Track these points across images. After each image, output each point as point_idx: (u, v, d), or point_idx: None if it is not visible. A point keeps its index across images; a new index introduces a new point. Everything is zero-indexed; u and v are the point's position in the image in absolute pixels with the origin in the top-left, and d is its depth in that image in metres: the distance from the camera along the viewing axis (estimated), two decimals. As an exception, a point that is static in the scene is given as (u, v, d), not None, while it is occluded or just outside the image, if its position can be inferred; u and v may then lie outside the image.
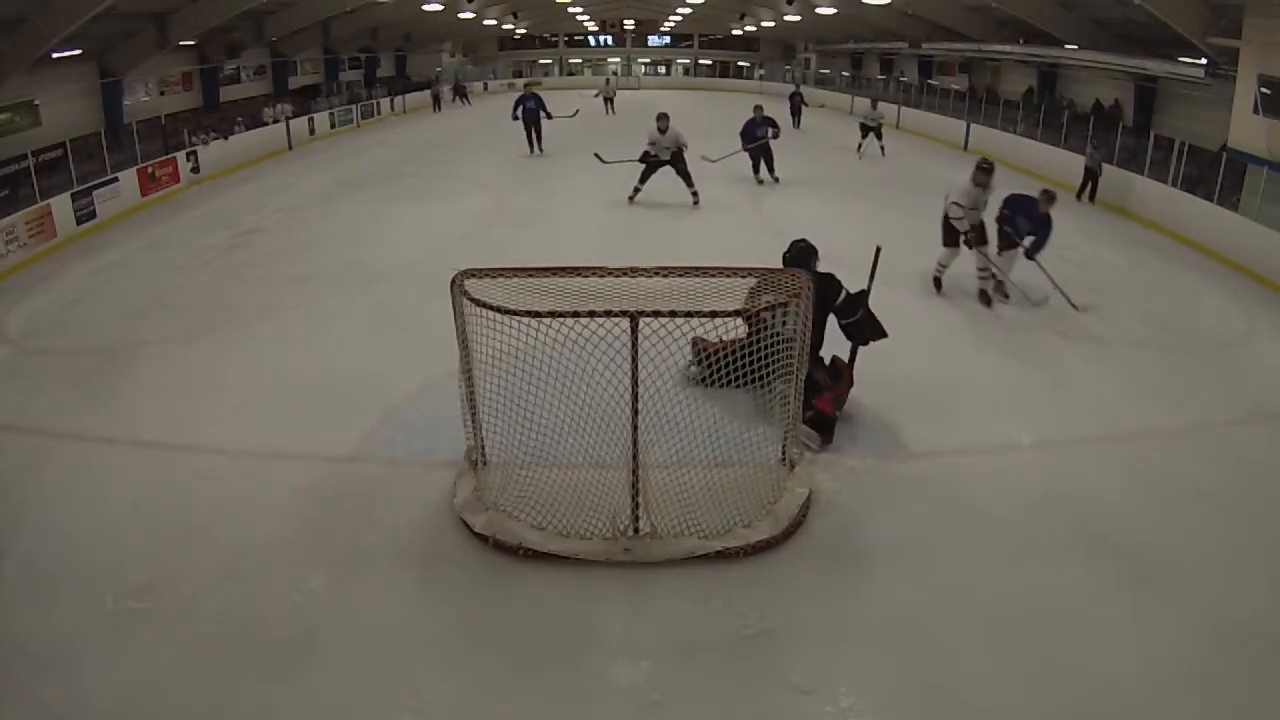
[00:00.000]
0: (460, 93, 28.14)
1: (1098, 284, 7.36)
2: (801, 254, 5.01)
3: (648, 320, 3.42)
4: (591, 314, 3.36)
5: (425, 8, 22.23)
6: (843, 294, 4.81)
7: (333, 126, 19.12)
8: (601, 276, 4.05)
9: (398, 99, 24.17)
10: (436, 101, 25.55)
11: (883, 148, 14.97)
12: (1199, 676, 3.00)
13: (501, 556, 3.60)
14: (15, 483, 4.25)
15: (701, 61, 38.59)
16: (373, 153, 16.07)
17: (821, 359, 4.89)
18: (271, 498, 4.06)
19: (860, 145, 14.95)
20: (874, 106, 15.15)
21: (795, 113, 19.45)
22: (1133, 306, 6.88)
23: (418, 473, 4.24)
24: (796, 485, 3.97)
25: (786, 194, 11.34)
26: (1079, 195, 11.69)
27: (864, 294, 4.78)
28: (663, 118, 9.74)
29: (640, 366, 3.42)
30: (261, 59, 21.87)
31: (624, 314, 3.42)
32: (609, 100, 23.27)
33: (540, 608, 3.33)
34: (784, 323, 3.89)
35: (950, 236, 7.00)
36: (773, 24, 29.90)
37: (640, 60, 39.34)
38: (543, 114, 14.40)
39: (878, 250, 4.64)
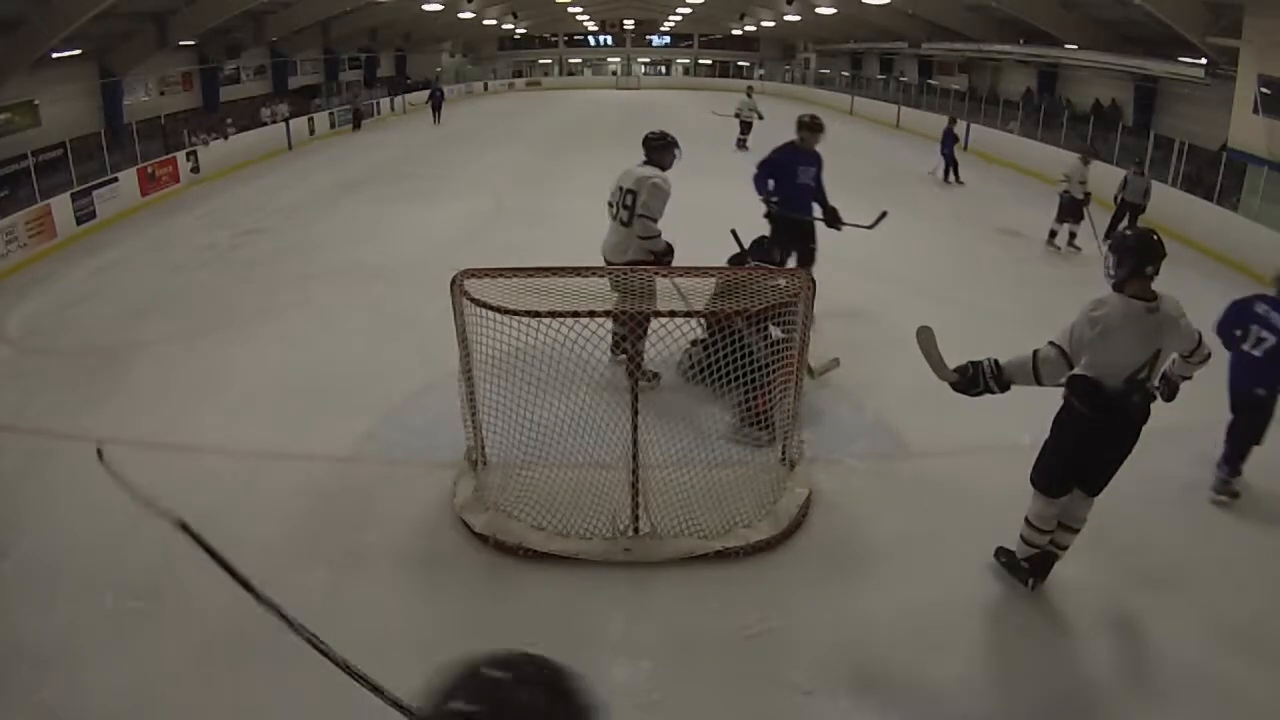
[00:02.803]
0: (434, 103, 21.75)
1: (1098, 283, 7.34)
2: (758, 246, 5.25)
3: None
4: (591, 314, 3.36)
5: (425, 8, 22.26)
6: None
7: (332, 126, 19.13)
8: (601, 276, 4.06)
9: (398, 99, 24.16)
10: (357, 119, 20.50)
11: (1072, 236, 8.84)
12: (1199, 676, 3.00)
13: (501, 556, 3.59)
14: (15, 483, 4.25)
15: (701, 61, 38.62)
16: (372, 153, 16.07)
17: None
18: (271, 497, 4.06)
19: (1052, 236, 9.02)
20: (1085, 162, 8.80)
21: (951, 166, 12.90)
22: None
23: (418, 473, 4.24)
24: (796, 485, 3.96)
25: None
26: (1109, 236, 8.39)
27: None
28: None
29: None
30: (261, 59, 21.90)
31: (624, 314, 3.42)
32: (746, 125, 15.12)
33: (540, 608, 3.33)
34: (760, 329, 3.85)
35: None
36: (773, 24, 29.95)
37: (640, 60, 39.36)
38: (818, 209, 6.14)
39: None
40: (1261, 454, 4.60)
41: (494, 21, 30.62)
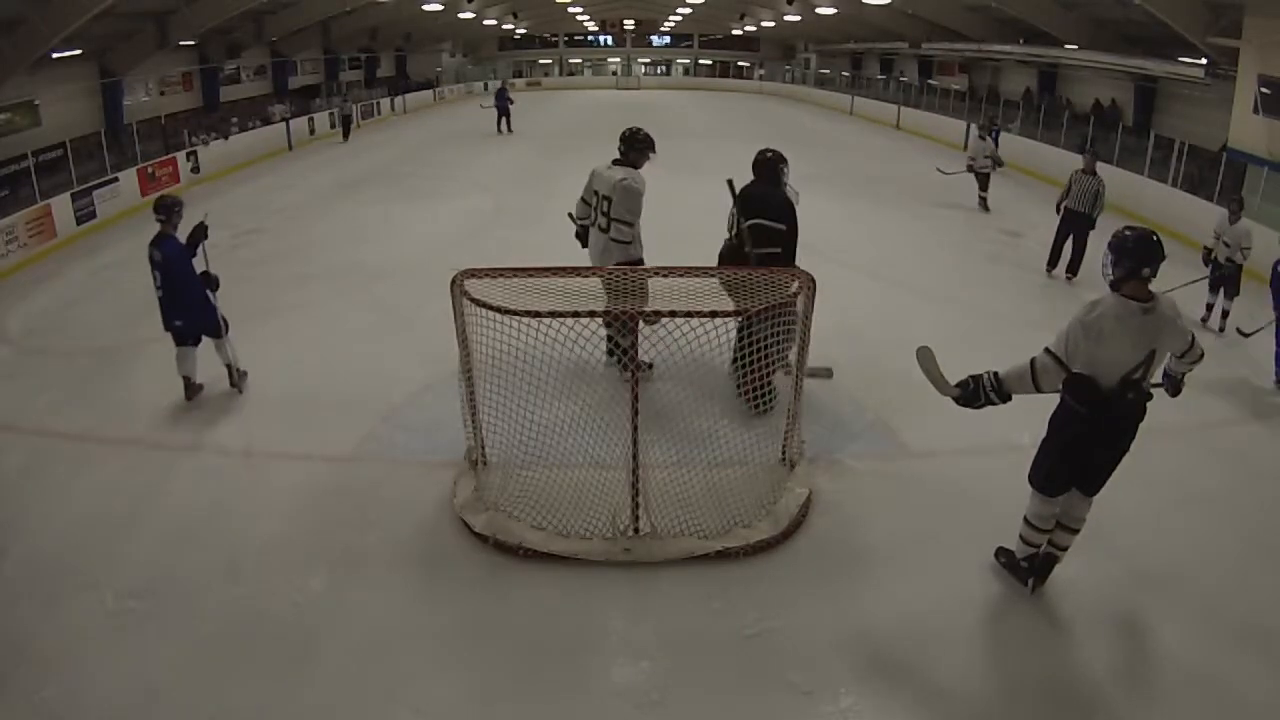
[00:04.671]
0: (500, 108, 18.48)
1: (1097, 283, 7.36)
2: (769, 164, 4.82)
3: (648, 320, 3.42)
4: (591, 314, 3.37)
5: (425, 8, 22.27)
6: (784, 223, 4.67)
7: (332, 126, 19.11)
8: (601, 276, 4.06)
9: (398, 99, 24.14)
10: (346, 127, 18.52)
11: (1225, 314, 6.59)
12: (1199, 676, 3.00)
13: (501, 556, 3.59)
14: (15, 483, 4.25)
15: (701, 61, 38.63)
16: (372, 153, 16.07)
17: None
18: (271, 498, 4.06)
19: (1209, 315, 6.70)
20: (1234, 219, 6.51)
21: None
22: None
23: (418, 473, 4.24)
24: (796, 485, 3.96)
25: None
26: (1052, 266, 7.72)
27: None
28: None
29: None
30: (261, 59, 21.90)
31: (624, 314, 3.42)
32: (984, 177, 10.83)
33: (540, 608, 3.33)
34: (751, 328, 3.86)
35: None
36: (773, 24, 29.94)
37: (640, 60, 39.36)
38: None
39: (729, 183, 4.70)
40: (1261, 456, 4.62)
41: (494, 21, 30.63)
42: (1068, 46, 15.99)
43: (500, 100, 18.79)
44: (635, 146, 5.00)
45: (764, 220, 4.62)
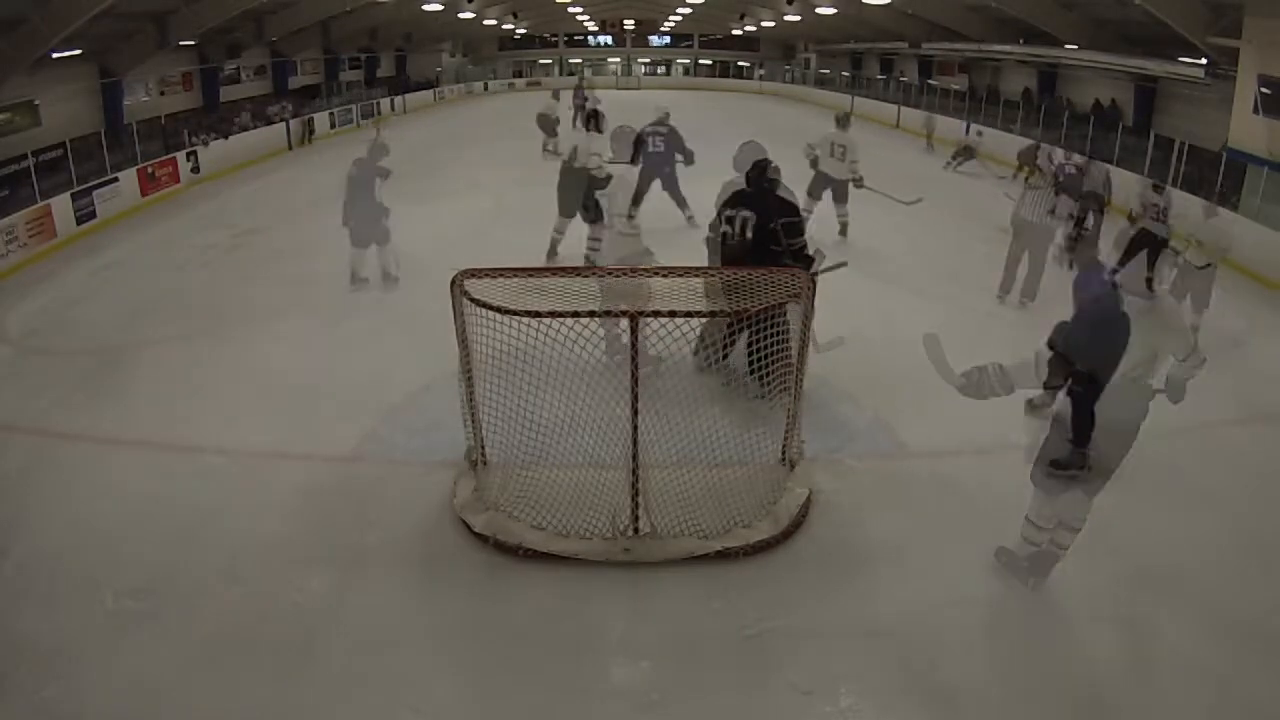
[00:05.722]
0: (585, 114, 15.58)
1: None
2: (757, 163, 4.81)
3: (647, 320, 3.43)
4: (592, 314, 3.37)
5: (425, 8, 22.22)
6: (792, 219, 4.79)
7: (333, 126, 19.10)
8: (601, 276, 4.06)
9: (399, 99, 24.12)
10: (308, 130, 17.62)
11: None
12: (1199, 676, 3.00)
13: (501, 556, 3.60)
14: (15, 483, 4.25)
15: (701, 61, 38.60)
16: (373, 153, 16.03)
17: None
18: (271, 498, 4.06)
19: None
20: (1209, 214, 6.30)
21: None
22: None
23: (418, 473, 4.24)
24: (796, 485, 3.96)
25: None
26: (1005, 291, 6.95)
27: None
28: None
29: (640, 366, 3.41)
30: (261, 59, 21.88)
31: (624, 314, 3.42)
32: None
33: (540, 608, 3.33)
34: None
35: None
36: (773, 24, 29.90)
37: (640, 60, 39.35)
38: None
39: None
40: (1261, 456, 4.62)
41: (494, 21, 30.58)
42: (1068, 46, 15.98)
43: (577, 99, 17.05)
44: (624, 142, 5.47)
45: (791, 219, 4.76)
